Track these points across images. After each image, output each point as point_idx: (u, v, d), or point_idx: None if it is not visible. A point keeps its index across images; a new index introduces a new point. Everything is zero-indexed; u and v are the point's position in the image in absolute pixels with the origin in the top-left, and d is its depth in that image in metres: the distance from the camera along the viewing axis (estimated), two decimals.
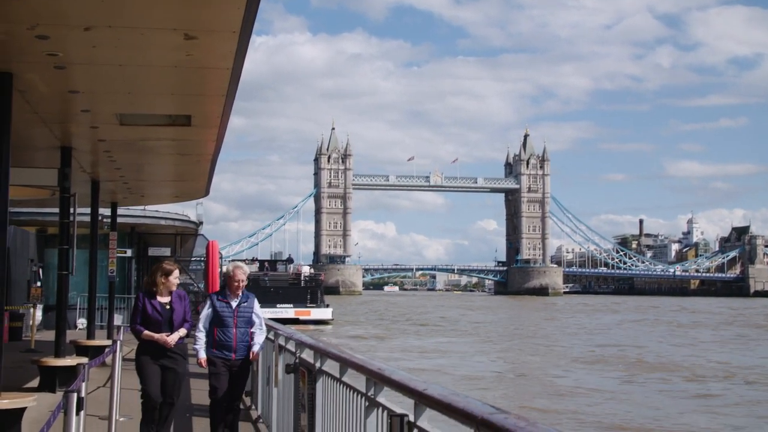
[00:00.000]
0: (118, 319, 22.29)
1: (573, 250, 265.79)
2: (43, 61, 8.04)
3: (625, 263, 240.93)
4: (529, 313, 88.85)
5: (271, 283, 61.90)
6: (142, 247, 35.45)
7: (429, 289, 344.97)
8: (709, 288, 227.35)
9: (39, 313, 24.28)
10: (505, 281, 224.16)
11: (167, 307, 8.27)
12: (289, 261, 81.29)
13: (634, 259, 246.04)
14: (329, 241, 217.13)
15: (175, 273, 8.42)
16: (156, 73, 8.70)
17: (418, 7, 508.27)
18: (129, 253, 29.93)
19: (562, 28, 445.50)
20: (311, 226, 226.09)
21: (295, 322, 54.17)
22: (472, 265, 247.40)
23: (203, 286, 28.23)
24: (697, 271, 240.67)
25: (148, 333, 8.12)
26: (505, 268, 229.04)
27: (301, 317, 58.86)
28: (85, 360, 11.80)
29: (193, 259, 44.22)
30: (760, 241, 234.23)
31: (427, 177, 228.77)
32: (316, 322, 59.56)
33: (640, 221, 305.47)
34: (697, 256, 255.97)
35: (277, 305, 57.38)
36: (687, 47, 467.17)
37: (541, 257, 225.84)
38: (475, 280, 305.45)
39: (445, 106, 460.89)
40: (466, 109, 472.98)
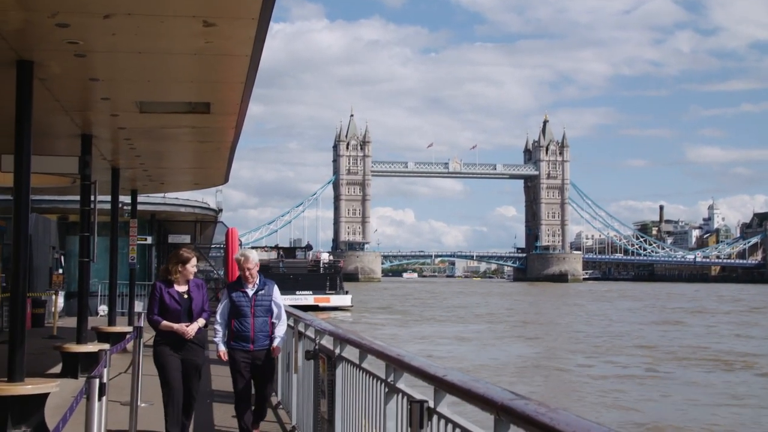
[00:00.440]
0: (138, 306, 22.41)
1: (592, 236, 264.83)
2: (64, 49, 8.07)
3: (645, 250, 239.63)
4: (550, 300, 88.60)
5: (290, 270, 62.05)
6: (162, 234, 35.63)
7: (448, 276, 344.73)
8: (730, 274, 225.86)
9: (61, 300, 24.48)
10: (524, 268, 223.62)
11: (185, 296, 7.92)
12: (309, 248, 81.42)
13: (654, 245, 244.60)
14: (348, 228, 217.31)
15: (193, 261, 8.04)
16: (175, 60, 8.72)
17: None
18: (149, 240, 30.11)
19: (580, 13, 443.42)
20: (330, 213, 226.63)
21: (314, 308, 54.35)
22: (491, 251, 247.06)
23: (223, 273, 28.34)
24: (717, 257, 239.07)
25: (167, 323, 7.77)
26: (524, 255, 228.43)
27: (321, 304, 59.07)
28: (106, 346, 11.87)
29: (212, 246, 44.38)
30: None
31: (446, 164, 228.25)
32: (336, 309, 59.73)
33: (661, 207, 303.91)
34: (718, 242, 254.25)
35: (297, 292, 57.59)
36: (707, 32, 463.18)
37: (560, 244, 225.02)
38: (494, 266, 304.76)
39: (464, 92, 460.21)
40: (485, 96, 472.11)
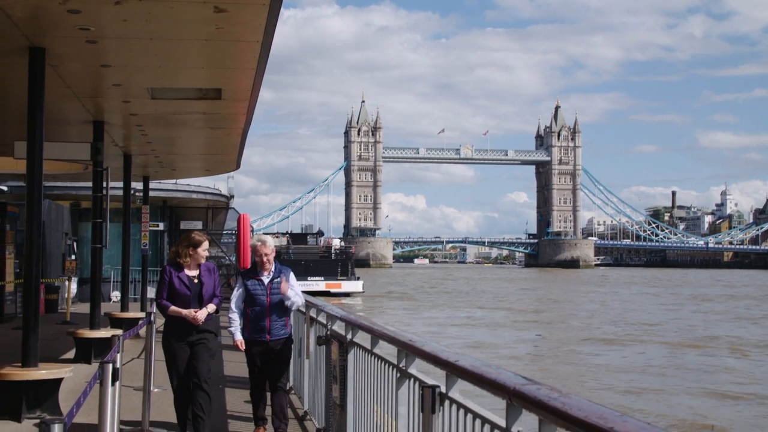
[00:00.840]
0: (151, 291, 22.48)
1: (604, 222, 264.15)
2: (75, 35, 8.08)
3: (657, 235, 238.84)
4: (564, 286, 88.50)
5: (302, 256, 62.13)
6: (174, 220, 35.72)
7: (459, 262, 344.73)
8: (743, 260, 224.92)
9: (74, 286, 24.62)
10: (535, 254, 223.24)
11: (195, 281, 7.61)
12: (320, 234, 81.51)
13: (667, 231, 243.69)
14: (359, 214, 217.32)
15: (204, 245, 7.71)
16: (186, 46, 8.72)
17: None
18: (161, 226, 30.15)
19: None
20: (341, 199, 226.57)
21: (325, 294, 54.45)
22: (503, 237, 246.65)
23: (235, 260, 28.42)
24: (730, 243, 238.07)
25: (175, 308, 7.48)
26: (535, 241, 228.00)
27: (332, 290, 59.12)
28: (119, 332, 11.92)
29: (224, 232, 44.47)
30: None
31: (458, 149, 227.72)
32: (347, 295, 59.82)
33: (673, 193, 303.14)
34: (730, 228, 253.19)
35: (308, 278, 57.67)
36: (720, 16, 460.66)
37: (572, 230, 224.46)
38: (505, 252, 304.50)
39: (474, 78, 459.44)
40: (495, 81, 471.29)
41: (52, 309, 22.31)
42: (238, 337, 7.81)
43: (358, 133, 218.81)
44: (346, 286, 61.70)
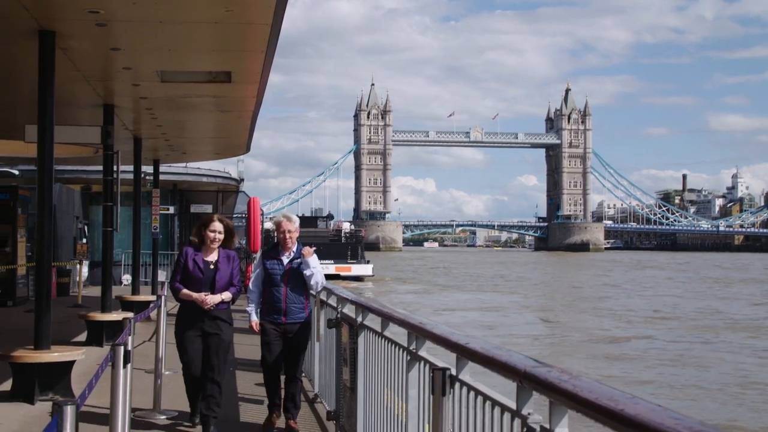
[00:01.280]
0: (161, 275, 22.57)
1: (614, 205, 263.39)
2: (85, 18, 8.08)
3: (667, 219, 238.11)
4: (575, 270, 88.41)
5: (311, 239, 62.20)
6: (184, 204, 35.80)
7: (469, 245, 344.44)
8: (754, 243, 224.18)
9: (85, 270, 24.69)
10: (545, 237, 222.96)
11: (211, 266, 7.31)
12: (330, 217, 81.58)
13: (677, 214, 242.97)
14: (369, 197, 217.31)
15: (216, 225, 7.35)
16: (196, 29, 8.71)
17: None
18: (172, 210, 30.25)
19: None
20: (351, 183, 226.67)
21: (335, 278, 54.54)
22: (513, 221, 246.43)
23: (245, 243, 28.47)
24: (741, 226, 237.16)
25: (186, 291, 7.22)
26: (545, 224, 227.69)
27: (342, 273, 59.18)
28: (130, 315, 11.98)
29: (234, 215, 44.56)
30: None
31: (467, 133, 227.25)
32: (357, 278, 59.88)
33: (684, 176, 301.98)
34: (741, 211, 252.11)
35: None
36: None
37: (582, 213, 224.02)
38: (515, 236, 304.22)
39: (483, 61, 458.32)
40: (505, 64, 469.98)
41: (63, 292, 22.42)
42: (254, 318, 7.56)
43: (368, 117, 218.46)
44: (356, 269, 61.78)
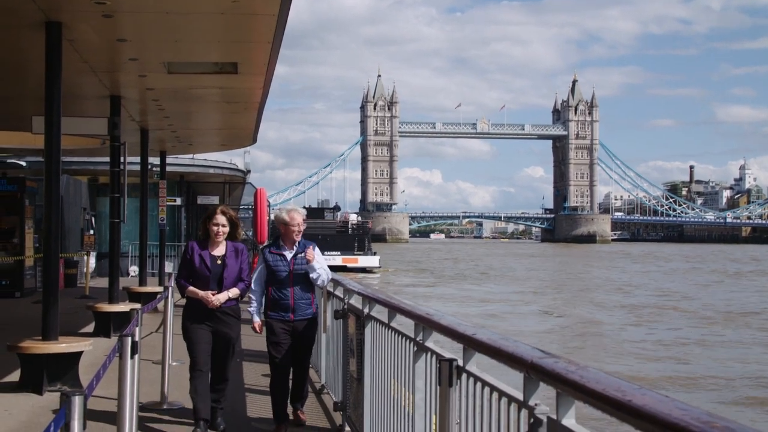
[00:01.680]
0: (168, 266, 22.63)
1: (621, 197, 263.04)
2: (92, 9, 8.07)
3: (674, 210, 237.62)
4: (583, 262, 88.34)
5: (318, 230, 62.23)
6: (191, 195, 35.85)
7: (475, 237, 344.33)
8: (761, 235, 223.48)
9: (92, 261, 24.78)
10: (552, 229, 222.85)
11: (218, 261, 6.96)
12: (337, 209, 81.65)
13: (684, 206, 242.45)
14: (376, 188, 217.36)
15: (219, 218, 6.99)
16: (202, 20, 8.70)
17: None
18: (178, 201, 30.29)
19: None
20: (358, 174, 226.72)
21: (342, 269, 54.59)
22: (519, 212, 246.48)
23: (252, 234, 28.50)
24: (748, 218, 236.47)
25: (192, 289, 6.92)
26: (552, 216, 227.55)
27: (349, 265, 59.26)
28: (138, 306, 11.99)
29: (241, 207, 44.60)
30: None
31: (474, 124, 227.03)
32: (364, 270, 59.94)
33: (691, 168, 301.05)
34: (749, 202, 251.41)
35: (325, 253, 57.63)
36: None
37: (588, 204, 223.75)
38: (521, 227, 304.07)
39: (489, 52, 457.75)
40: (511, 56, 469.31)
41: (71, 283, 22.48)
42: (257, 319, 7.25)
43: (375, 108, 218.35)
44: (363, 261, 61.88)
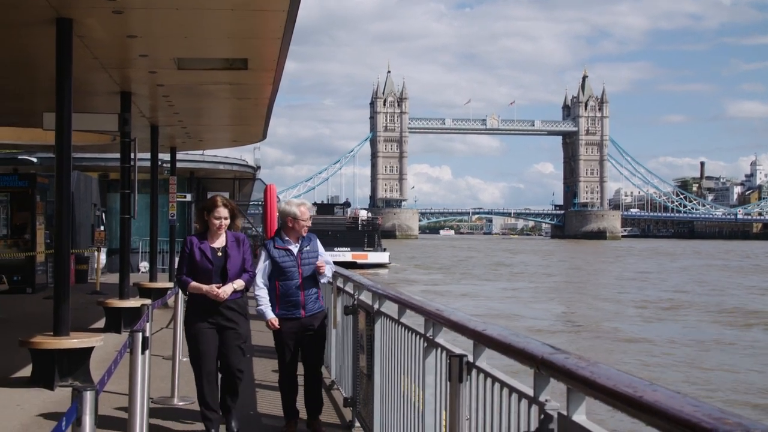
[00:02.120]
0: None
1: (631, 193, 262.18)
2: (102, 6, 8.09)
3: (685, 206, 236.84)
4: (594, 258, 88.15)
5: (328, 226, 62.24)
6: (201, 191, 35.93)
7: (485, 233, 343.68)
8: None
9: (103, 257, 24.88)
10: (562, 225, 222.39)
11: (219, 253, 6.67)
12: (347, 205, 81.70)
13: (695, 202, 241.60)
14: (385, 185, 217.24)
15: (221, 211, 6.66)
16: (212, 16, 8.71)
17: None
18: (188, 197, 30.34)
19: None
20: (367, 170, 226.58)
21: (352, 265, 54.58)
22: (529, 208, 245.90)
23: (261, 230, 28.54)
24: (759, 214, 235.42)
25: (195, 284, 6.59)
26: (562, 212, 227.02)
27: (359, 261, 59.23)
28: (148, 302, 12.05)
29: (251, 203, 44.67)
30: None
31: (484, 120, 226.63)
32: (374, 266, 59.93)
33: (701, 164, 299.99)
34: (760, 198, 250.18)
35: (335, 249, 57.81)
36: None
37: (598, 201, 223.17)
38: (531, 224, 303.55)
39: (499, 47, 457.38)
40: (520, 51, 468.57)
41: (81, 279, 22.57)
42: (270, 315, 6.91)
43: (384, 104, 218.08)
44: (373, 257, 61.86)
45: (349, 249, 60.45)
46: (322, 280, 7.20)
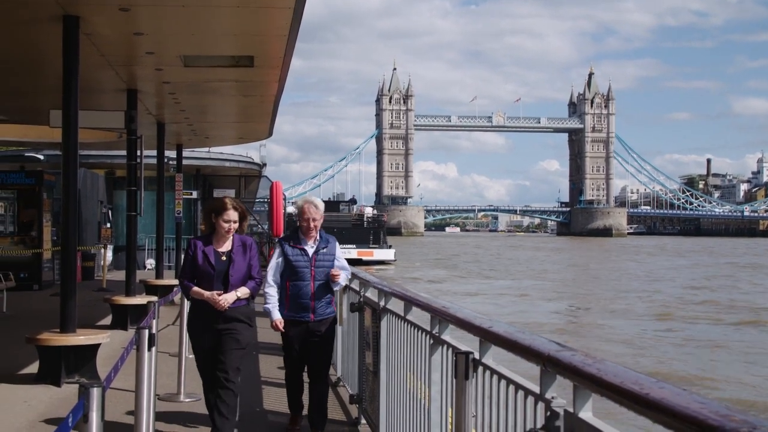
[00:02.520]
0: None
1: (637, 190, 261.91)
2: (109, 3, 8.11)
3: (691, 204, 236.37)
4: (604, 256, 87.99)
5: (334, 223, 62.24)
6: (207, 188, 35.96)
7: (491, 230, 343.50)
8: None
9: (109, 254, 24.92)
10: (567, 222, 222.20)
11: (223, 258, 6.29)
12: (353, 202, 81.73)
13: (701, 199, 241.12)
14: (391, 182, 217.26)
15: (231, 214, 6.28)
16: (219, 13, 8.72)
17: None
18: (194, 194, 30.39)
19: None
20: (373, 168, 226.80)
21: (357, 262, 54.57)
22: (535, 206, 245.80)
23: (267, 227, 28.57)
24: (766, 211, 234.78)
25: (197, 290, 6.22)
26: (568, 209, 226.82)
27: (364, 258, 59.20)
28: (154, 299, 12.08)
29: (257, 200, 44.71)
30: None
31: (489, 117, 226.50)
32: (379, 263, 59.92)
33: (708, 161, 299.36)
34: (766, 196, 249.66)
35: (340, 246, 57.71)
36: None
37: (604, 198, 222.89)
38: (537, 221, 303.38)
39: (504, 45, 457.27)
40: (526, 48, 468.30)
41: (88, 276, 22.62)
42: (277, 316, 6.69)
43: (390, 101, 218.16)
44: (378, 254, 61.87)
45: (354, 246, 60.40)
46: (335, 288, 6.98)
